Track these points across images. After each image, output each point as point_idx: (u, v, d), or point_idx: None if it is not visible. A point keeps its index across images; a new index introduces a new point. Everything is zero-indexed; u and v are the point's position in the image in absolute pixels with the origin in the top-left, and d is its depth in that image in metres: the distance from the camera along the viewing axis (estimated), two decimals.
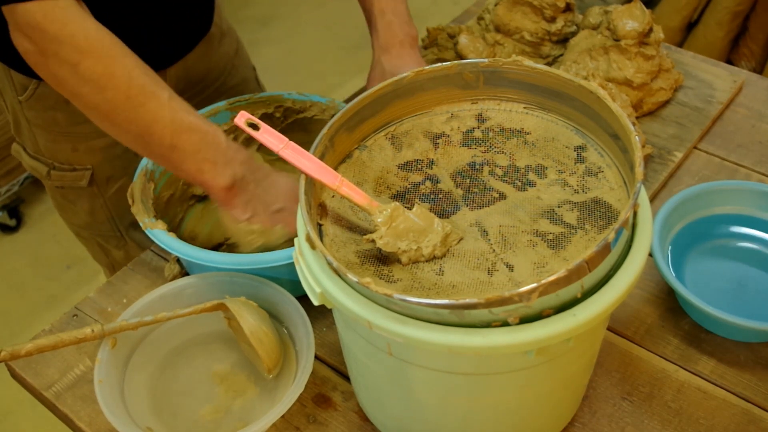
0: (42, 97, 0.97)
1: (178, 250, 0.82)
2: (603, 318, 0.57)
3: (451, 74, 0.72)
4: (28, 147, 1.06)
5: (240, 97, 0.98)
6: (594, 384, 0.80)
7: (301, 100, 0.99)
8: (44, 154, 1.04)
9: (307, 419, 0.79)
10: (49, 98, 0.97)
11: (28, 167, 1.08)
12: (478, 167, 0.70)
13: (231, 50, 1.14)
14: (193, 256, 0.81)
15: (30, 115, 1.00)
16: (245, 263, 0.81)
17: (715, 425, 0.76)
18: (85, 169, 1.03)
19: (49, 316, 1.93)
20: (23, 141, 1.07)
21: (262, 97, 0.98)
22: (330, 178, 0.64)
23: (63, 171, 1.04)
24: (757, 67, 2.07)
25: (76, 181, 1.04)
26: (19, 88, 0.98)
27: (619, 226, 0.55)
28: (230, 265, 0.81)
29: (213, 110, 0.96)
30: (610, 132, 0.66)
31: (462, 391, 0.64)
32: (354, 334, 0.65)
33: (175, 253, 0.82)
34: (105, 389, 0.75)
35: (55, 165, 1.04)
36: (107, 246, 1.14)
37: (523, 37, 1.14)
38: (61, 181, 1.05)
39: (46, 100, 0.98)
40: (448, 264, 0.62)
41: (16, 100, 1.00)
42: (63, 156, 1.03)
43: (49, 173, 1.05)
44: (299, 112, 1.00)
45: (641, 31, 1.05)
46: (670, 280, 0.81)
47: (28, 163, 1.07)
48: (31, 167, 1.07)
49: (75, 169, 1.04)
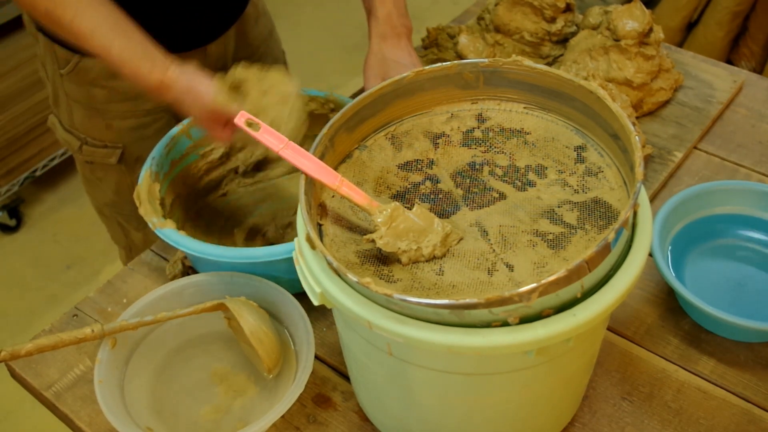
0: (82, 71, 1.01)
1: (192, 247, 0.82)
2: (603, 318, 0.57)
3: (451, 74, 0.72)
4: (64, 120, 1.09)
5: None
6: (594, 384, 0.80)
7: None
8: (78, 128, 1.08)
9: (307, 419, 0.79)
10: (90, 73, 1.01)
11: (61, 140, 1.12)
12: (478, 167, 0.70)
13: (266, 31, 1.17)
14: (208, 253, 0.81)
15: (69, 89, 1.04)
16: (248, 257, 0.81)
17: (715, 425, 0.76)
18: (116, 147, 1.07)
19: (49, 316, 1.93)
20: (60, 114, 1.10)
21: None
22: (330, 178, 0.64)
23: (95, 147, 1.08)
24: (757, 67, 2.07)
25: (106, 158, 1.08)
26: (61, 61, 1.02)
27: (619, 226, 0.55)
28: (237, 258, 0.81)
29: None
30: (610, 132, 0.66)
31: (462, 391, 0.64)
32: (354, 334, 0.65)
33: (190, 251, 0.82)
34: (105, 389, 0.75)
35: (88, 140, 1.08)
36: (127, 227, 1.17)
37: (523, 37, 1.14)
38: (92, 156, 1.08)
39: (87, 74, 1.01)
40: (448, 264, 0.62)
41: (57, 74, 1.04)
42: (96, 132, 1.07)
43: (81, 148, 1.08)
44: None
45: (641, 31, 1.05)
46: (670, 280, 0.81)
47: (61, 135, 1.11)
48: (65, 140, 1.11)
49: (106, 146, 1.07)
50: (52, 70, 1.04)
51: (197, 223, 0.98)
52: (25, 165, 2.10)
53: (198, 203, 0.99)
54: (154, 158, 0.91)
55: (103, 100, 1.03)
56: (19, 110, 2.01)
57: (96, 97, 1.03)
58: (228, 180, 1.02)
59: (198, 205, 0.99)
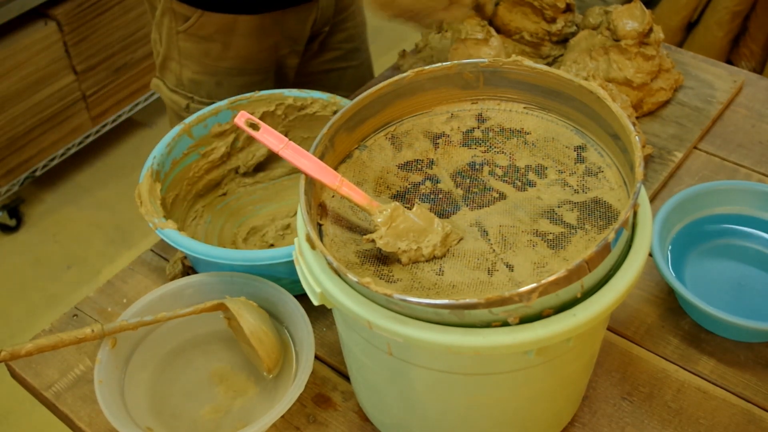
0: (202, 26, 1.06)
1: (193, 248, 0.82)
2: (603, 318, 0.58)
3: (451, 74, 0.72)
4: (170, 81, 1.14)
5: (241, 96, 0.98)
6: (594, 384, 0.80)
7: (302, 97, 0.99)
8: (186, 87, 1.12)
9: (307, 419, 0.79)
10: (209, 28, 1.06)
11: (167, 99, 1.16)
12: (478, 167, 0.70)
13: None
14: (210, 255, 0.81)
15: (184, 46, 1.09)
16: (248, 260, 0.81)
17: (715, 425, 0.76)
18: None
19: (49, 316, 1.93)
20: (166, 76, 1.15)
21: (262, 96, 0.98)
22: (330, 178, 0.64)
23: (202, 104, 1.11)
24: (757, 67, 2.07)
25: None
26: (180, 18, 1.06)
27: (619, 226, 0.55)
28: (238, 261, 0.81)
29: (214, 110, 0.96)
30: (610, 132, 0.66)
31: (462, 391, 0.64)
32: (354, 334, 0.65)
33: (191, 252, 0.82)
34: (105, 389, 0.75)
35: (195, 98, 1.12)
36: None
37: (523, 37, 1.14)
38: None
39: (205, 30, 1.06)
40: (448, 264, 0.62)
41: (173, 31, 1.08)
42: (205, 90, 1.12)
43: (188, 106, 1.13)
44: (300, 109, 1.00)
45: (641, 31, 1.05)
46: (670, 280, 0.81)
47: (167, 95, 1.15)
48: (171, 99, 1.15)
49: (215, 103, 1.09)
50: (168, 29, 1.08)
51: (197, 223, 0.98)
52: (25, 165, 2.10)
53: (197, 203, 0.99)
54: (156, 157, 0.91)
55: (216, 57, 1.08)
56: (19, 110, 2.01)
57: (210, 53, 1.08)
58: (228, 179, 1.02)
59: (197, 204, 0.99)
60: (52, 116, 2.09)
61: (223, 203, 1.01)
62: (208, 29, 1.07)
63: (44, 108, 2.06)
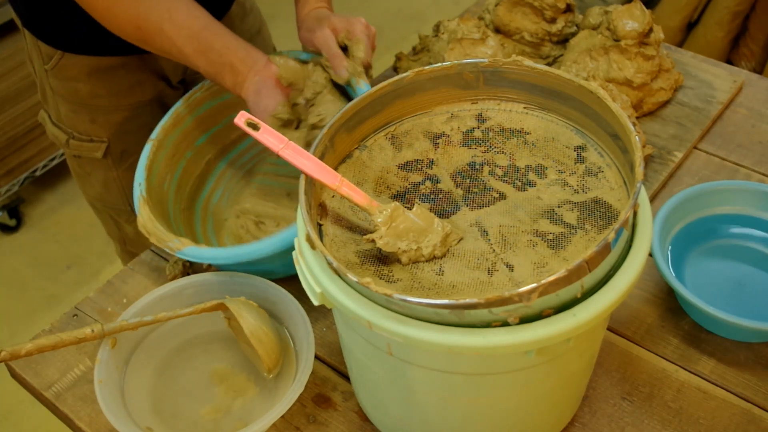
0: (65, 67, 1.03)
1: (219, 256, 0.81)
2: (603, 318, 0.58)
3: (451, 74, 0.72)
4: (52, 115, 1.12)
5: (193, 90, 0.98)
6: (594, 384, 0.80)
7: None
8: (65, 123, 1.09)
9: (307, 419, 0.79)
10: (72, 69, 1.03)
11: (50, 134, 1.13)
12: (478, 167, 0.70)
13: (254, 29, 1.18)
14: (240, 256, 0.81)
15: (54, 84, 1.06)
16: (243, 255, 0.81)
17: (715, 425, 0.76)
18: (101, 141, 1.08)
19: (49, 316, 1.93)
20: (48, 109, 1.12)
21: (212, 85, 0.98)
22: (330, 178, 0.64)
23: (81, 141, 1.09)
24: (757, 67, 2.07)
25: (92, 152, 1.09)
26: (45, 57, 1.03)
27: (619, 226, 0.55)
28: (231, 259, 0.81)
29: (174, 118, 0.96)
30: (610, 132, 0.66)
31: (462, 391, 0.64)
32: (354, 334, 0.65)
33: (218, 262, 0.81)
34: (105, 389, 0.75)
35: (74, 134, 1.09)
36: (119, 220, 1.18)
37: (524, 37, 1.14)
38: (79, 150, 1.10)
39: (69, 70, 1.03)
40: (448, 264, 0.62)
41: (42, 69, 1.05)
42: (82, 126, 1.08)
43: (68, 142, 1.10)
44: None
45: (641, 31, 1.05)
46: (670, 280, 0.81)
47: (50, 130, 1.13)
48: (53, 134, 1.12)
49: (92, 140, 1.09)
50: (39, 66, 1.06)
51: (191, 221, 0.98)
52: (25, 165, 2.10)
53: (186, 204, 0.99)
54: (140, 184, 0.89)
55: (86, 95, 1.05)
56: (19, 110, 2.01)
57: (80, 91, 1.05)
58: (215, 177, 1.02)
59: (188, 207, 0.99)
60: None
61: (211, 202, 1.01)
62: (73, 70, 1.03)
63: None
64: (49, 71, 1.04)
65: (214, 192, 1.02)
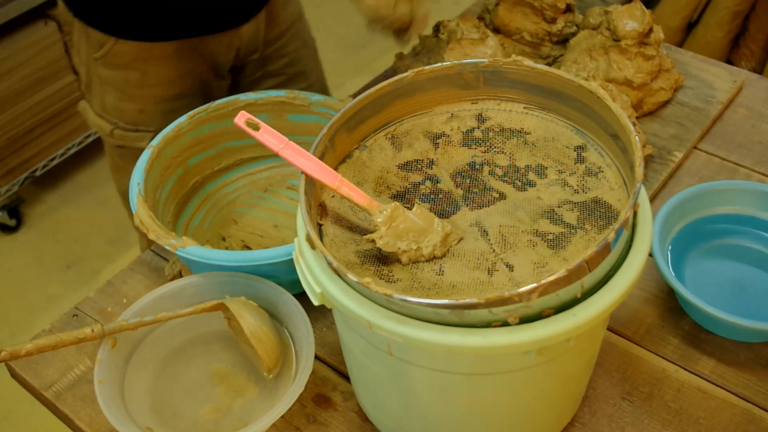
0: (117, 55, 1.03)
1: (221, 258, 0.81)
2: (603, 318, 0.58)
3: (451, 74, 0.72)
4: (95, 105, 1.11)
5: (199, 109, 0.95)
6: (594, 384, 0.80)
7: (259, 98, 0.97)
8: (110, 113, 1.09)
9: (307, 419, 0.79)
10: (124, 56, 1.03)
11: (92, 124, 1.13)
12: (478, 167, 0.70)
13: (296, 14, 1.20)
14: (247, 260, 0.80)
15: (103, 73, 1.06)
16: (248, 260, 0.81)
17: (715, 425, 0.76)
18: (148, 131, 1.08)
19: (49, 316, 1.93)
20: (91, 99, 1.12)
21: (219, 105, 0.94)
22: (330, 178, 0.64)
23: (126, 131, 1.09)
24: (757, 67, 2.07)
25: (137, 142, 1.09)
26: (95, 45, 1.03)
27: (619, 226, 0.55)
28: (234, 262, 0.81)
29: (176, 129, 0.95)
30: (610, 132, 0.66)
31: (462, 391, 0.64)
32: (354, 334, 0.65)
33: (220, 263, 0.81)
34: (105, 389, 0.75)
35: (119, 124, 1.09)
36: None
37: (523, 37, 1.15)
38: (123, 140, 1.10)
39: (121, 58, 1.03)
40: (448, 264, 0.62)
41: (91, 58, 1.05)
42: (128, 116, 1.08)
43: (113, 132, 1.10)
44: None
45: (641, 31, 1.05)
46: (670, 280, 0.81)
47: (93, 120, 1.13)
48: (96, 125, 1.12)
49: (138, 129, 1.09)
50: (86, 55, 1.06)
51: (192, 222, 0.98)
52: (25, 165, 2.10)
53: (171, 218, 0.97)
54: (139, 183, 0.88)
55: (136, 84, 1.05)
56: (19, 110, 2.01)
57: (129, 80, 1.05)
58: (218, 179, 1.02)
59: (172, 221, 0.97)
60: (52, 116, 2.09)
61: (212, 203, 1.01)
62: (124, 58, 1.03)
63: (44, 108, 2.06)
64: (99, 60, 1.04)
65: (195, 215, 1.00)
